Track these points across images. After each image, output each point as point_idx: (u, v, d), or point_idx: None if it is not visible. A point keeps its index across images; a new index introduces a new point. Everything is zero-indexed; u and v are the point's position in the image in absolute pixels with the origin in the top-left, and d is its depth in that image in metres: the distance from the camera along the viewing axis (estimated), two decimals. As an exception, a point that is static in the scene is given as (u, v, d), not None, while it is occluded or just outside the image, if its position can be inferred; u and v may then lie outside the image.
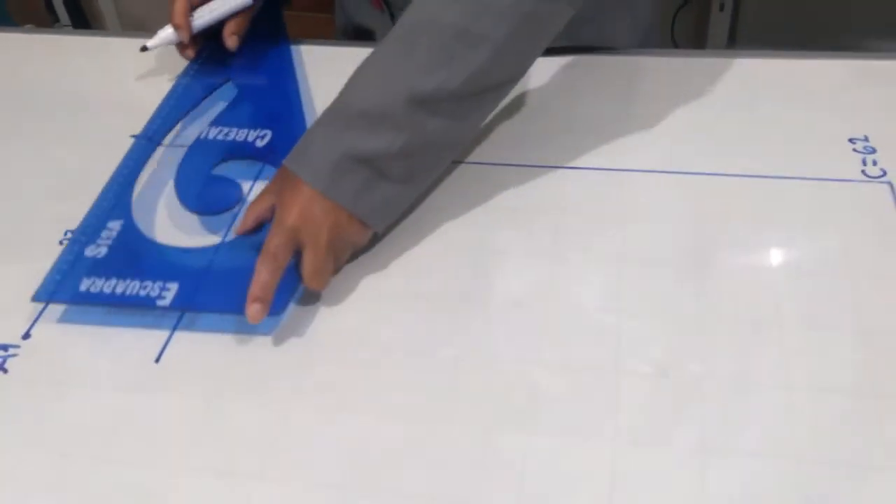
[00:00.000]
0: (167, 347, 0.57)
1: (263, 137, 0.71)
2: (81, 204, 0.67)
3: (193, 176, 0.69)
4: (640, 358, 0.53)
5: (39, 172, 0.73)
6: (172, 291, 0.58)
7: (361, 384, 0.54)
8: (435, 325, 0.57)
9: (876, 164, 0.65)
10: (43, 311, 0.60)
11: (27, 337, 0.58)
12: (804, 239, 0.60)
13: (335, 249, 0.58)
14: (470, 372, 0.54)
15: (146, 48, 0.79)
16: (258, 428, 0.52)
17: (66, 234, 0.66)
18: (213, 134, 0.72)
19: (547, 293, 0.58)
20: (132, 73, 0.83)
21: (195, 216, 0.66)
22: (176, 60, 0.82)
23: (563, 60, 0.77)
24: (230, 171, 0.70)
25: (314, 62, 0.81)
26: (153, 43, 0.79)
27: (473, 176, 0.67)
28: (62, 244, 0.65)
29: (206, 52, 0.82)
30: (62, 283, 0.59)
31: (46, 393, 0.55)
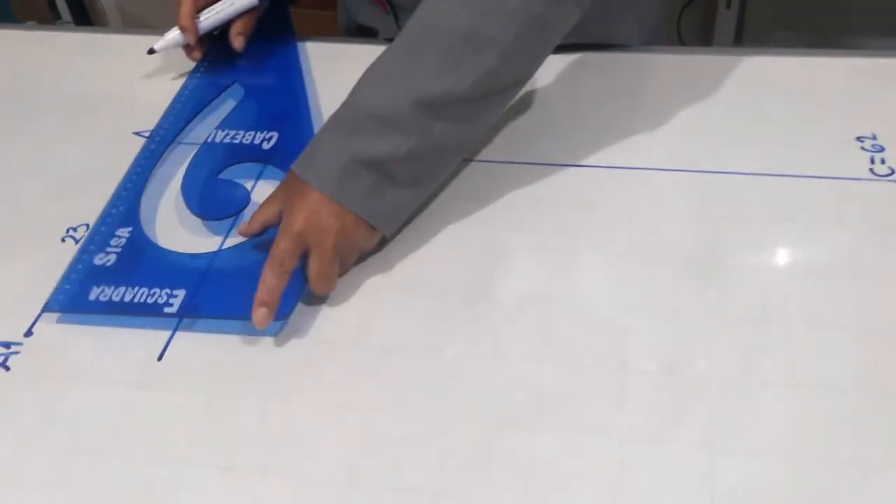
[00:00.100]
0: (170, 346, 0.57)
1: (270, 139, 0.71)
2: (83, 202, 0.67)
3: (200, 181, 0.69)
4: (645, 356, 0.53)
5: (41, 170, 0.72)
6: (179, 298, 0.58)
7: (365, 381, 0.53)
8: (440, 322, 0.56)
9: (884, 162, 0.64)
10: (47, 304, 0.60)
11: (29, 334, 0.58)
12: (811, 237, 0.60)
13: (341, 253, 0.58)
14: (475, 369, 0.53)
15: (153, 51, 0.79)
16: (261, 425, 0.52)
17: (67, 231, 0.65)
18: (219, 137, 0.72)
19: (552, 291, 0.58)
20: (134, 70, 0.83)
21: (197, 217, 0.66)
22: (178, 57, 0.81)
23: (569, 58, 0.77)
24: (233, 171, 0.70)
25: (320, 60, 0.81)
26: (160, 45, 0.79)
27: (479, 173, 0.67)
28: (64, 242, 0.64)
29: (213, 53, 0.81)
30: (72, 292, 0.60)
31: (48, 390, 0.55)
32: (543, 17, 0.59)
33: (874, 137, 0.66)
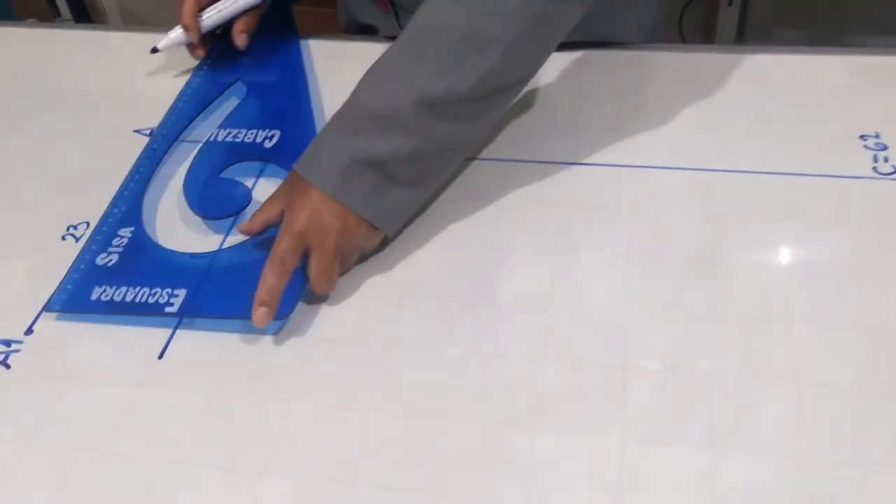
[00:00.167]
0: (170, 344, 0.56)
1: (272, 138, 0.71)
2: (84, 200, 0.67)
3: (202, 180, 0.69)
4: (647, 355, 0.53)
5: (41, 168, 0.72)
6: (180, 298, 0.58)
7: (366, 380, 0.53)
8: (441, 321, 0.56)
9: (887, 160, 0.64)
10: (48, 304, 0.59)
11: (30, 333, 0.58)
12: (813, 236, 0.60)
13: (343, 253, 0.58)
14: (476, 369, 0.53)
15: (157, 49, 0.79)
16: (261, 424, 0.52)
17: (68, 229, 0.65)
18: (221, 136, 0.72)
19: (554, 290, 0.57)
20: (134, 67, 0.83)
21: (198, 216, 0.66)
22: (177, 55, 0.81)
23: (571, 55, 0.76)
24: (234, 169, 0.69)
25: (323, 58, 0.80)
26: (163, 44, 0.79)
27: (480, 172, 0.67)
28: (65, 240, 0.64)
29: (216, 51, 0.81)
30: (74, 292, 0.60)
31: (48, 388, 0.55)
32: (545, 15, 0.59)
33: (877, 136, 0.66)
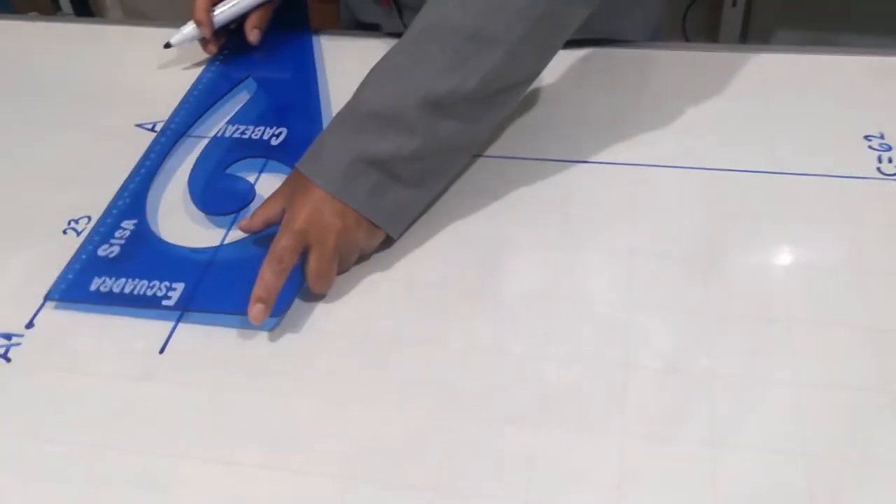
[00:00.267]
0: (171, 338, 0.56)
1: (279, 135, 0.71)
2: (85, 193, 0.67)
3: (208, 176, 0.68)
4: (649, 353, 0.53)
5: (42, 161, 0.72)
6: (178, 291, 0.58)
7: (367, 375, 0.53)
8: (443, 317, 0.56)
9: (892, 161, 0.64)
10: (49, 293, 0.59)
11: (30, 326, 0.58)
12: (817, 236, 0.60)
13: (342, 253, 0.58)
14: (477, 365, 0.53)
15: (170, 45, 0.79)
16: (262, 418, 0.51)
17: (69, 223, 0.65)
18: (229, 132, 0.72)
19: (556, 287, 0.57)
20: (135, 62, 0.83)
21: (202, 212, 0.65)
22: (182, 49, 0.81)
23: (574, 53, 0.76)
24: (236, 165, 0.69)
25: (332, 54, 0.80)
26: (176, 39, 0.79)
27: (483, 169, 0.67)
28: (66, 234, 0.64)
29: (229, 46, 0.81)
30: (74, 281, 0.60)
31: (49, 382, 0.54)
32: (550, 15, 0.59)
33: (882, 136, 0.66)
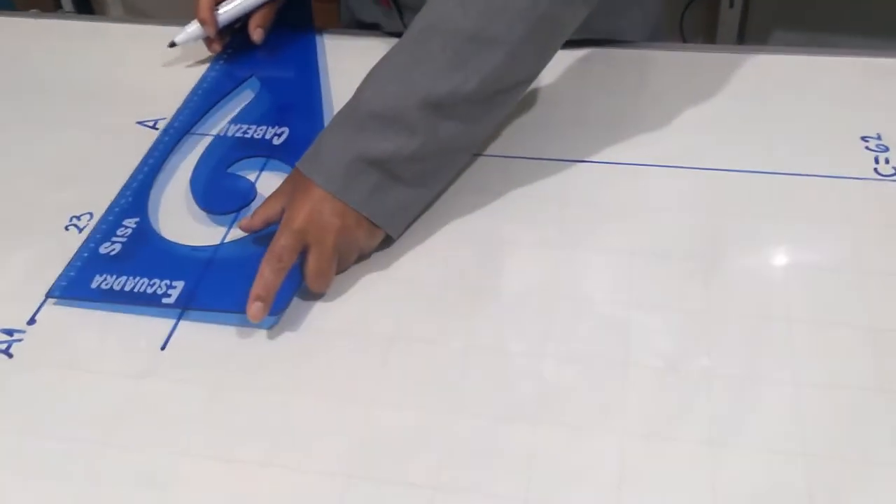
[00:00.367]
0: (173, 335, 0.56)
1: (281, 135, 0.71)
2: (87, 190, 0.67)
3: (209, 174, 0.69)
4: (649, 352, 0.53)
5: (44, 158, 0.72)
6: (178, 289, 0.58)
7: (367, 374, 0.53)
8: (442, 315, 0.56)
9: (888, 162, 0.64)
10: (50, 290, 0.60)
11: (32, 322, 0.58)
12: (815, 236, 0.60)
13: (341, 252, 0.58)
14: (477, 363, 0.53)
15: (174, 44, 0.79)
16: (263, 415, 0.52)
17: (71, 220, 0.65)
18: (231, 131, 0.72)
19: (555, 286, 0.58)
20: (135, 59, 0.83)
21: (203, 210, 0.66)
22: (186, 47, 0.81)
23: (573, 54, 0.77)
24: (237, 164, 0.69)
25: (335, 52, 0.80)
26: (180, 38, 0.79)
27: (483, 168, 0.67)
28: (67, 230, 0.64)
29: (232, 45, 0.81)
30: (75, 279, 0.60)
31: (51, 378, 0.55)
32: (550, 15, 0.59)
33: (878, 137, 0.66)
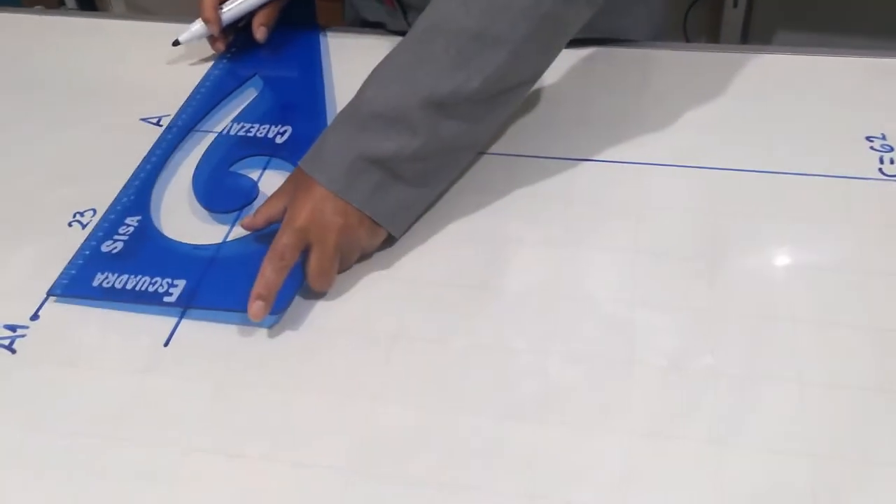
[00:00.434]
0: (176, 331, 0.56)
1: (283, 133, 0.71)
2: (90, 187, 0.67)
3: (212, 173, 0.68)
4: (653, 350, 0.53)
5: (48, 154, 0.72)
6: (179, 288, 0.58)
7: (369, 372, 0.53)
8: (446, 313, 0.56)
9: (893, 162, 0.64)
10: (52, 288, 0.60)
11: (35, 318, 0.58)
12: (819, 236, 0.60)
13: (343, 251, 0.58)
14: (481, 361, 0.53)
15: (178, 42, 0.79)
16: (267, 411, 0.52)
17: (74, 216, 0.65)
18: (234, 130, 0.72)
19: (559, 284, 0.58)
20: (139, 56, 0.83)
21: (205, 209, 0.66)
22: (189, 45, 0.81)
23: (577, 53, 0.77)
24: (240, 163, 0.69)
25: (338, 51, 0.80)
26: (184, 37, 0.79)
27: (486, 166, 0.67)
28: (71, 227, 0.64)
29: (237, 43, 0.81)
30: (77, 277, 0.60)
31: (54, 373, 0.55)
32: (554, 15, 0.59)
33: (883, 137, 0.66)
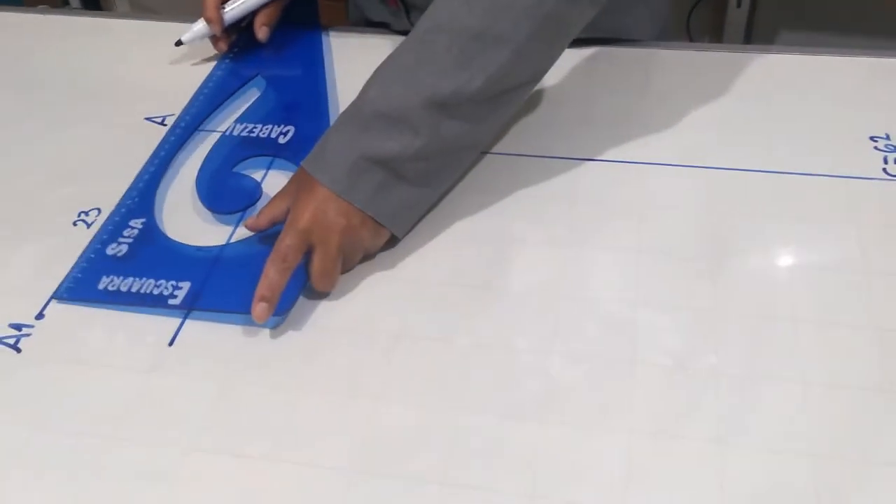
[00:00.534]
0: (181, 331, 0.57)
1: (286, 134, 0.71)
2: (95, 186, 0.67)
3: (215, 174, 0.69)
4: (656, 350, 0.53)
5: (52, 154, 0.72)
6: (184, 290, 0.58)
7: (372, 371, 0.53)
8: (449, 313, 0.56)
9: (897, 162, 0.64)
10: (56, 291, 0.60)
11: (41, 317, 0.58)
12: (823, 236, 0.60)
13: (345, 252, 0.58)
14: (484, 361, 0.54)
15: (181, 42, 0.79)
16: (271, 411, 0.52)
17: (79, 215, 0.65)
18: (237, 130, 0.72)
19: (562, 284, 0.58)
20: (143, 55, 0.83)
21: (209, 210, 0.66)
22: (191, 45, 0.81)
23: (580, 52, 0.77)
24: (244, 163, 0.69)
25: (341, 51, 0.80)
26: (187, 37, 0.79)
27: (490, 166, 0.67)
28: (76, 226, 0.65)
29: (239, 44, 0.81)
30: (82, 280, 0.60)
31: (59, 373, 0.55)
32: (557, 15, 0.59)
33: (887, 137, 0.66)
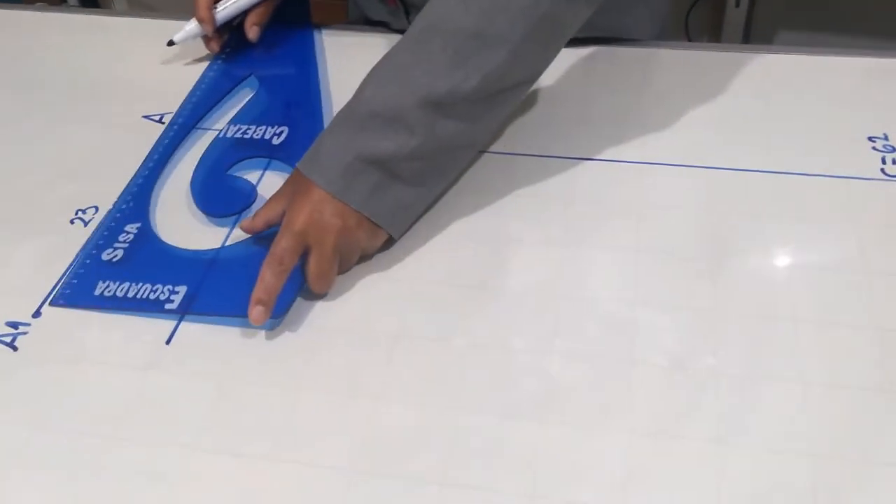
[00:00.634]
0: (178, 329, 0.57)
1: (280, 134, 0.71)
2: (92, 184, 0.67)
3: (209, 177, 0.68)
4: (655, 349, 0.53)
5: (50, 152, 0.72)
6: (180, 294, 0.58)
7: (371, 370, 0.53)
8: (447, 313, 0.56)
9: (895, 162, 0.64)
10: (53, 289, 0.60)
11: (37, 315, 0.58)
12: (821, 236, 0.60)
13: (342, 253, 0.58)
14: (482, 361, 0.53)
15: (173, 42, 0.79)
16: (268, 411, 0.52)
17: (76, 213, 0.65)
18: (231, 132, 0.72)
19: (560, 284, 0.58)
20: (141, 53, 0.83)
21: (204, 213, 0.65)
22: (185, 44, 0.81)
23: (578, 52, 0.77)
24: (239, 165, 0.69)
25: (335, 50, 0.80)
26: (179, 37, 0.79)
27: (488, 165, 0.67)
28: (73, 224, 0.64)
29: (231, 44, 0.81)
30: (78, 286, 0.60)
31: (56, 371, 0.55)
32: (553, 15, 0.59)
33: (885, 137, 0.66)
